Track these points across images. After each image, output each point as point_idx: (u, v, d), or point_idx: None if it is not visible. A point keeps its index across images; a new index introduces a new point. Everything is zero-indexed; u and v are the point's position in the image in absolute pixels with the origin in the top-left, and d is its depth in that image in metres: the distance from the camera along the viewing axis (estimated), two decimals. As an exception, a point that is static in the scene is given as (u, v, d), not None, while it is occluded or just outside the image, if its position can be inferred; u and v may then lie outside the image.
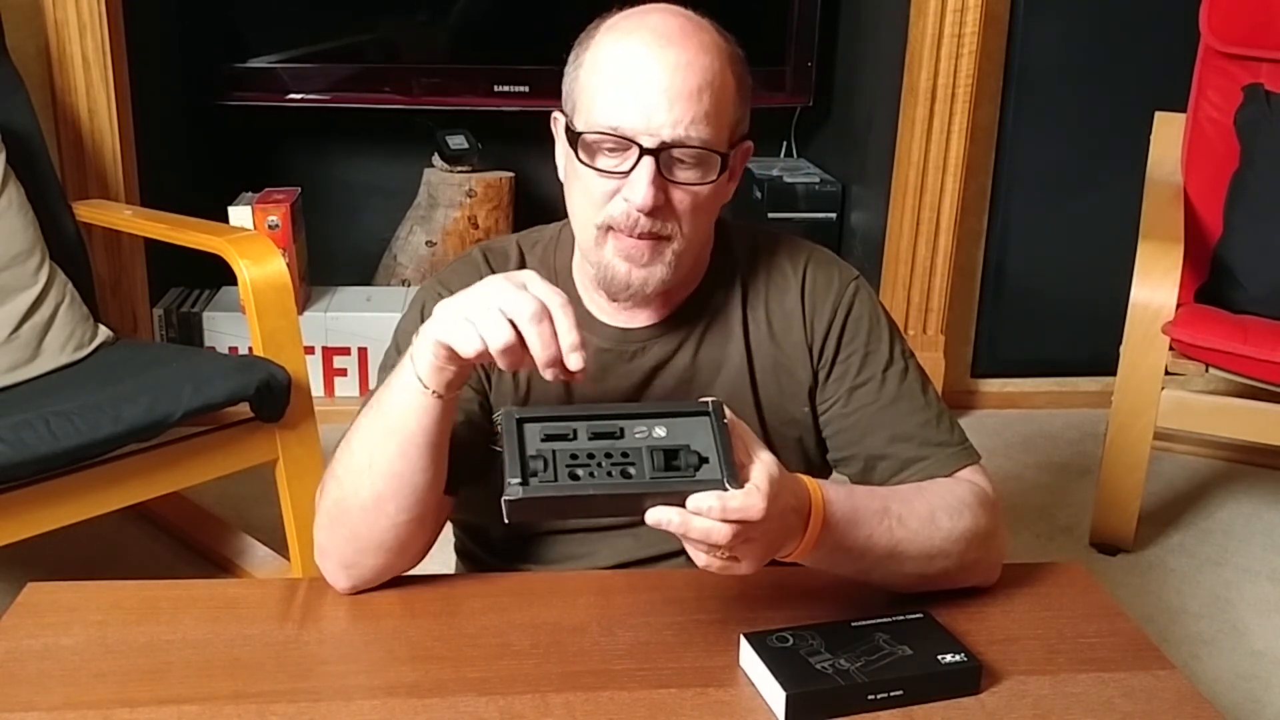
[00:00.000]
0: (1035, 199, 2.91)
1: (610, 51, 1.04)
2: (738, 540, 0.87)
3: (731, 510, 0.85)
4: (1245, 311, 2.29)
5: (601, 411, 0.90)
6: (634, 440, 0.87)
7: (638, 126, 1.01)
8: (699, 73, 1.01)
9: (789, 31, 3.01)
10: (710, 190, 1.05)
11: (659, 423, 0.89)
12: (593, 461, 0.86)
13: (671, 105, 1.00)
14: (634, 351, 1.14)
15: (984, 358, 3.05)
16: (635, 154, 1.02)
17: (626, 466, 0.86)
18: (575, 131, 1.05)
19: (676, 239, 1.06)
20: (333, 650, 0.99)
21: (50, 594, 1.04)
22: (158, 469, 1.83)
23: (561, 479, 0.85)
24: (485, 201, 2.97)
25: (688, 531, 0.86)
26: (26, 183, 2.05)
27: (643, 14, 1.05)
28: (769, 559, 0.92)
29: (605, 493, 0.85)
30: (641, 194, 1.02)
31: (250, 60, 2.88)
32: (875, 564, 1.01)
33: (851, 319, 1.15)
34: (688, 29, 1.03)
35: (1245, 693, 1.92)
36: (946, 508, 1.05)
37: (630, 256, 1.06)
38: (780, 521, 0.91)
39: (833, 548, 0.97)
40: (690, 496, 0.85)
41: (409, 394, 0.98)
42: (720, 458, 0.87)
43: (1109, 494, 2.30)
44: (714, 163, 1.04)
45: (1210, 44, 2.48)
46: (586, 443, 0.87)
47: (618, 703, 0.91)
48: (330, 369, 2.77)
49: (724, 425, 0.88)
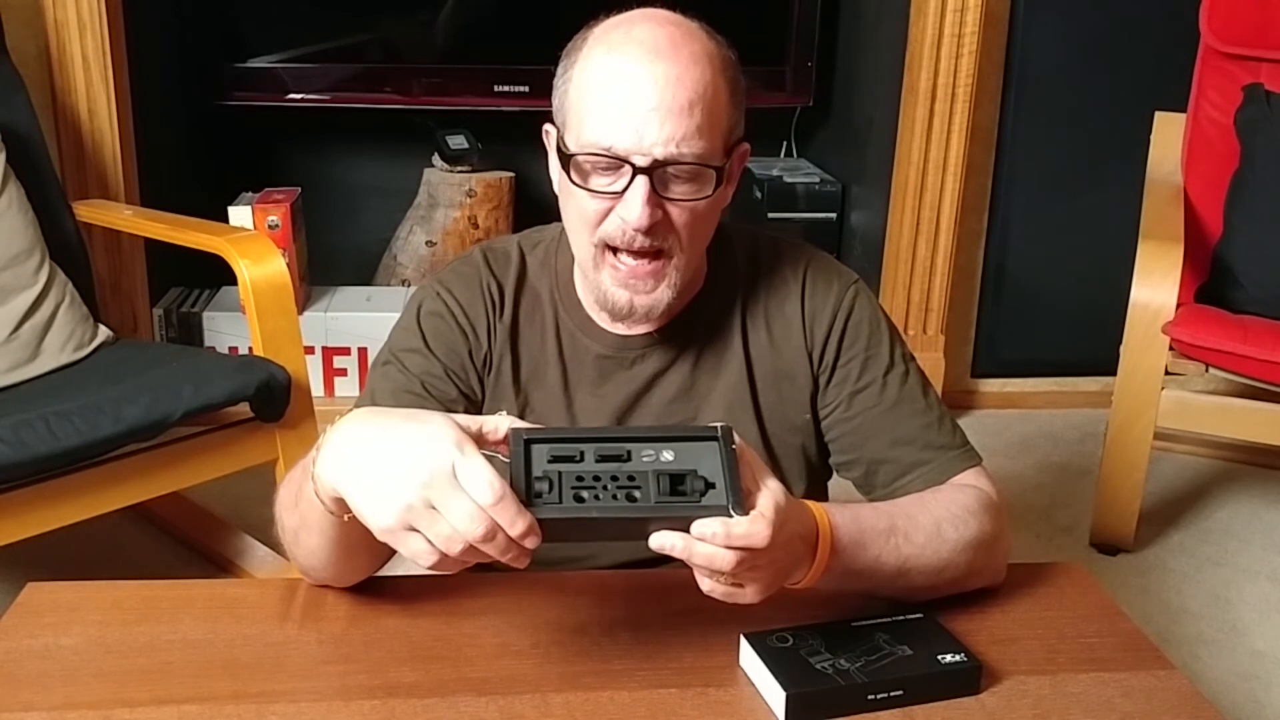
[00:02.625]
0: (1035, 199, 2.91)
1: (599, 68, 1.02)
2: (742, 568, 0.86)
3: (736, 537, 0.84)
4: (1245, 311, 2.29)
5: (609, 434, 0.89)
6: (641, 464, 0.86)
7: (630, 145, 0.99)
8: (689, 86, 0.99)
9: (789, 31, 3.01)
10: (707, 204, 1.04)
11: (667, 446, 0.88)
12: (598, 484, 0.85)
13: (663, 122, 0.99)
14: (633, 359, 1.14)
15: (984, 358, 3.05)
16: (629, 173, 1.01)
17: (632, 490, 0.85)
18: (567, 153, 1.04)
19: (676, 254, 1.05)
20: (333, 650, 0.98)
21: (50, 594, 1.04)
22: (158, 469, 1.83)
23: (567, 501, 0.85)
24: (485, 201, 2.97)
25: (691, 558, 0.85)
26: (26, 183, 2.05)
27: (630, 24, 1.03)
28: (776, 587, 0.91)
29: (610, 516, 0.85)
30: (637, 214, 1.01)
31: (250, 60, 2.88)
32: (885, 582, 1.01)
33: (852, 323, 1.15)
34: (677, 39, 1.01)
35: (1245, 693, 1.92)
36: (951, 518, 1.04)
37: (630, 285, 1.05)
38: (786, 550, 0.90)
39: (842, 572, 0.97)
40: (695, 522, 0.84)
41: (325, 517, 0.92)
42: (727, 484, 0.86)
43: (1109, 494, 2.30)
44: (709, 177, 1.03)
45: (1210, 44, 2.48)
46: (593, 465, 0.86)
47: (618, 703, 0.91)
48: (330, 369, 2.77)
49: (732, 451, 0.87)
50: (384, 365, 1.15)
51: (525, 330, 1.15)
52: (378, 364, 1.16)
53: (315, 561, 1.01)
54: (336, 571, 1.03)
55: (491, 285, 1.15)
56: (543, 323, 1.16)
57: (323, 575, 1.04)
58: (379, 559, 1.07)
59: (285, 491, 1.02)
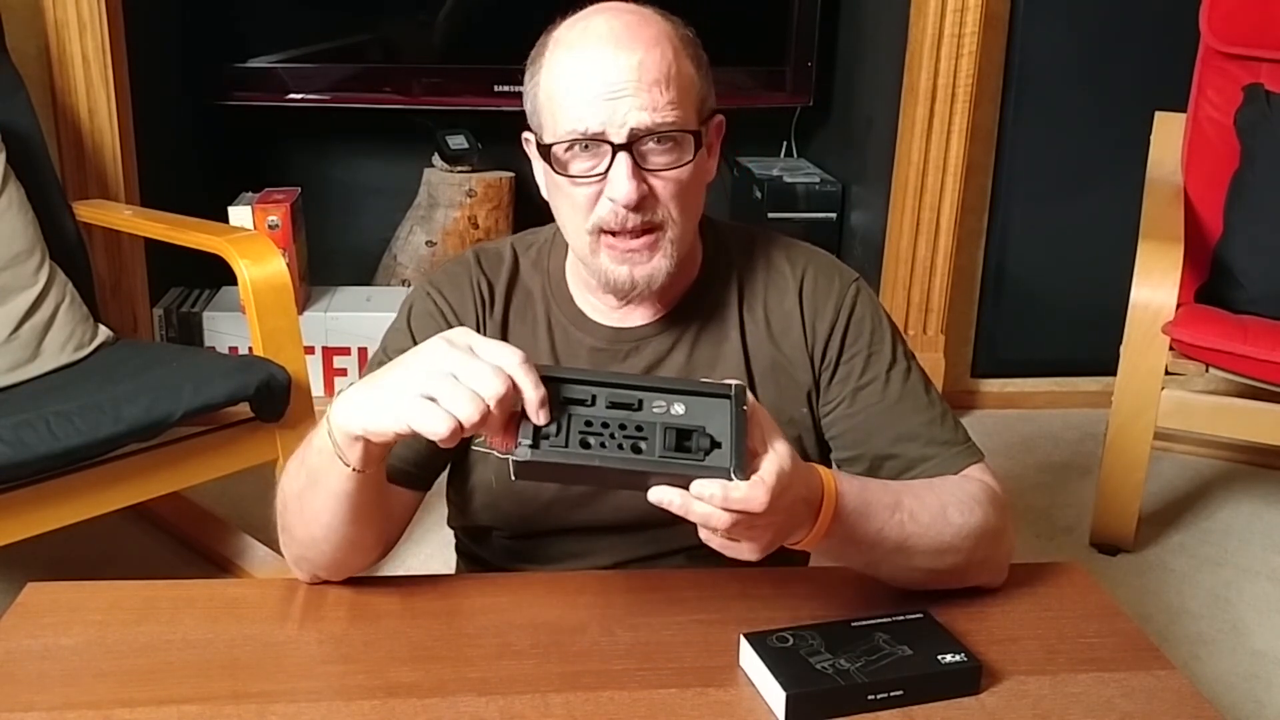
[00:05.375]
0: (1035, 199, 2.91)
1: (563, 64, 1.04)
2: (739, 529, 0.87)
3: (733, 500, 0.85)
4: (1245, 311, 2.29)
5: (623, 381, 0.89)
6: (651, 414, 0.87)
7: (604, 123, 1.01)
8: (653, 67, 1.01)
9: (789, 31, 3.01)
10: (690, 170, 1.05)
11: (679, 399, 0.87)
12: (605, 431, 0.86)
13: (634, 96, 1.00)
14: (628, 350, 1.14)
15: (984, 358, 3.05)
16: (609, 152, 1.02)
17: (638, 441, 0.86)
18: (545, 145, 1.05)
19: (669, 225, 1.06)
20: (333, 650, 0.98)
21: (50, 594, 1.04)
22: (158, 469, 1.83)
23: (572, 445, 0.85)
24: (485, 201, 2.97)
25: (688, 514, 0.86)
26: (26, 183, 2.05)
27: (587, 20, 1.05)
28: (775, 547, 0.92)
29: (612, 466, 0.85)
30: (623, 190, 1.02)
31: (250, 60, 2.88)
32: (884, 557, 1.01)
33: (854, 321, 1.15)
34: (634, 25, 1.03)
35: (1245, 693, 1.92)
36: (958, 503, 1.05)
37: (627, 259, 1.06)
38: (788, 513, 0.90)
39: (843, 539, 0.97)
40: (694, 482, 0.85)
41: (333, 469, 0.95)
42: (732, 445, 0.86)
43: (1109, 494, 2.30)
44: (688, 143, 1.04)
45: (1210, 44, 2.48)
46: (603, 411, 0.87)
47: (618, 703, 0.91)
48: (330, 369, 2.77)
49: (743, 411, 0.87)
50: (377, 366, 1.15)
51: (516, 326, 1.16)
52: (371, 365, 1.16)
53: (317, 531, 1.01)
54: (336, 545, 1.02)
55: (481, 283, 1.16)
56: (534, 319, 1.16)
57: (321, 551, 1.03)
58: (379, 539, 1.07)
59: (290, 465, 1.03)
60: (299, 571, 1.07)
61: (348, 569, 1.06)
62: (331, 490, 0.97)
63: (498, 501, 1.15)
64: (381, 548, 1.09)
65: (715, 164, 1.12)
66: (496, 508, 1.15)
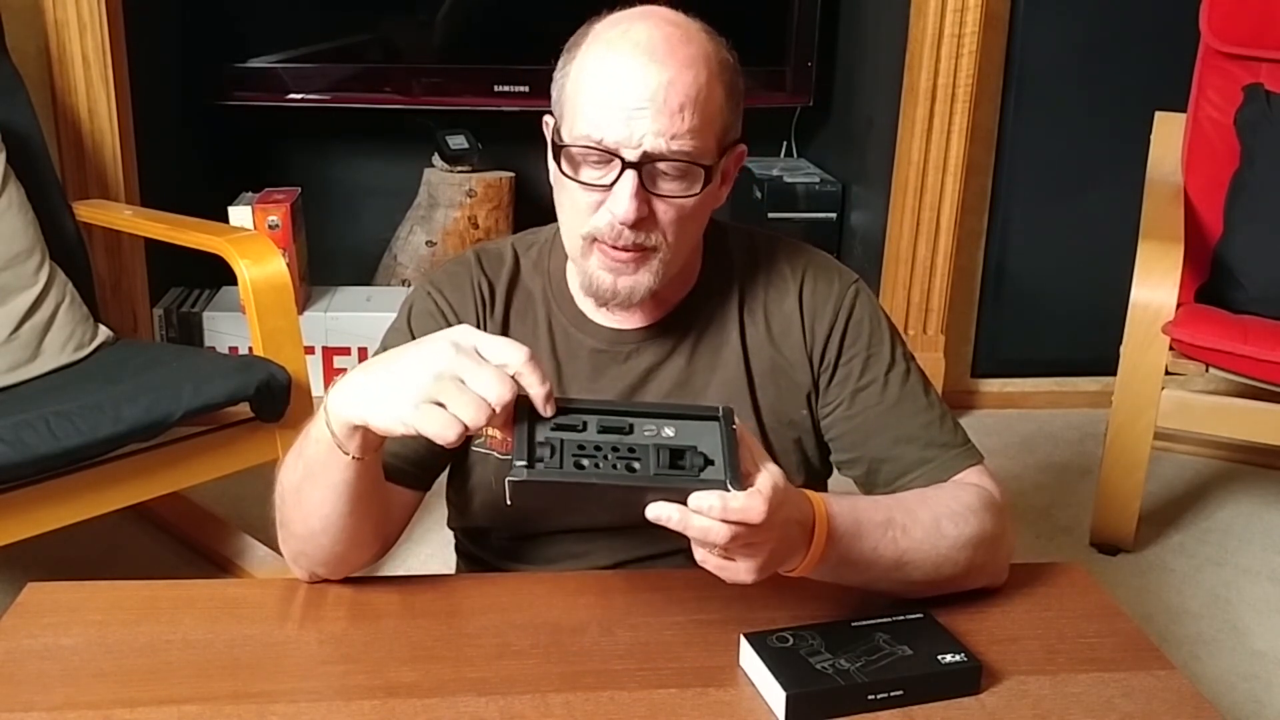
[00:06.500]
0: (1035, 199, 2.91)
1: (595, 64, 1.02)
2: (737, 544, 0.87)
3: (732, 511, 0.85)
4: (1245, 311, 2.29)
5: (612, 406, 0.90)
6: (642, 437, 0.88)
7: (620, 139, 1.00)
8: (683, 89, 1.00)
9: (789, 31, 3.01)
10: (696, 201, 1.04)
11: (668, 423, 0.89)
12: (599, 453, 0.86)
13: (655, 119, 0.99)
14: (628, 353, 1.14)
15: (984, 358, 3.05)
16: (618, 167, 1.01)
17: (632, 461, 0.86)
18: (559, 144, 1.04)
19: (662, 249, 1.05)
20: (333, 650, 0.98)
21: (50, 594, 1.04)
22: (158, 469, 1.83)
23: (567, 466, 0.86)
24: (485, 201, 2.97)
25: (687, 529, 0.86)
26: (26, 183, 2.05)
27: (630, 23, 1.03)
28: (771, 570, 0.92)
29: (608, 483, 0.85)
30: (624, 207, 1.01)
31: (250, 60, 2.88)
32: (882, 575, 1.01)
33: (853, 322, 1.15)
34: (674, 41, 1.01)
35: (1245, 693, 1.92)
36: (951, 515, 1.04)
37: (614, 268, 1.06)
38: (783, 531, 0.90)
39: (838, 561, 0.97)
40: (692, 495, 0.85)
41: (332, 458, 0.96)
42: (726, 461, 0.87)
43: (1109, 494, 2.30)
44: (698, 175, 1.03)
45: (1210, 44, 2.48)
46: (595, 435, 0.87)
47: (618, 703, 0.91)
48: (330, 369, 2.77)
49: (733, 432, 0.88)
50: None
51: (517, 326, 1.16)
52: None
53: (315, 524, 1.01)
54: (335, 539, 1.02)
55: (482, 283, 1.16)
56: (535, 319, 1.16)
57: (320, 545, 1.03)
58: (377, 535, 1.07)
59: (287, 458, 1.03)
60: (297, 569, 1.07)
61: (346, 565, 1.06)
62: (330, 480, 0.97)
63: (498, 502, 1.15)
64: (380, 545, 1.09)
65: (727, 192, 1.11)
66: (496, 508, 1.15)
